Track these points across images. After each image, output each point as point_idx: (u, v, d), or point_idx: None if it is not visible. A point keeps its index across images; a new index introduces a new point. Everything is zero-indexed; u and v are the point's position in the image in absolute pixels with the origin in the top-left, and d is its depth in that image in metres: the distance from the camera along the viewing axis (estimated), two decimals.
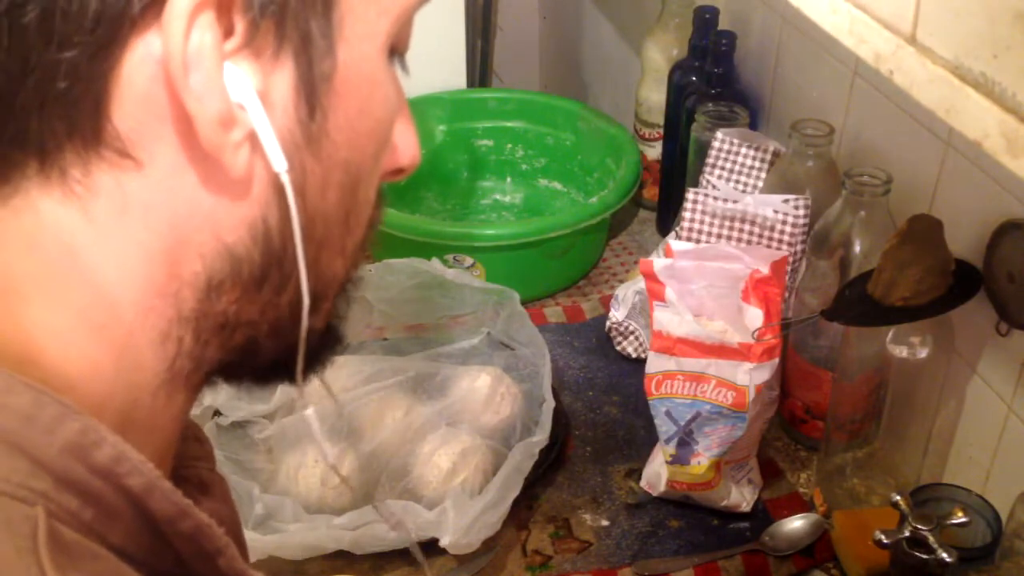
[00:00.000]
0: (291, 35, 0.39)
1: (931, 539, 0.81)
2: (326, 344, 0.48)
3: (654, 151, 1.44)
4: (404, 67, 0.47)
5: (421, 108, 1.51)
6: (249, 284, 0.42)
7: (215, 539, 0.41)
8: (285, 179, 0.40)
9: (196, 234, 0.40)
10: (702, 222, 1.09)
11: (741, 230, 1.07)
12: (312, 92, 0.41)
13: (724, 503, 1.01)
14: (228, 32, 0.38)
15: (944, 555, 0.81)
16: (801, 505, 1.03)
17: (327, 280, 0.46)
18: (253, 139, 0.39)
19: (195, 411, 1.04)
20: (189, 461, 0.50)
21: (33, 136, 0.37)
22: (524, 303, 1.18)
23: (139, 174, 0.38)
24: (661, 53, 1.40)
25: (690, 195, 1.10)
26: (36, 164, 0.38)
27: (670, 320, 0.97)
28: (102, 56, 0.36)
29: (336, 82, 0.41)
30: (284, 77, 0.40)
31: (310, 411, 0.53)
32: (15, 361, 0.38)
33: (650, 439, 1.04)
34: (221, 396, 1.05)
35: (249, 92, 0.39)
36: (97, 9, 0.36)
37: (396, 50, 0.46)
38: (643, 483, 1.05)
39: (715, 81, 1.24)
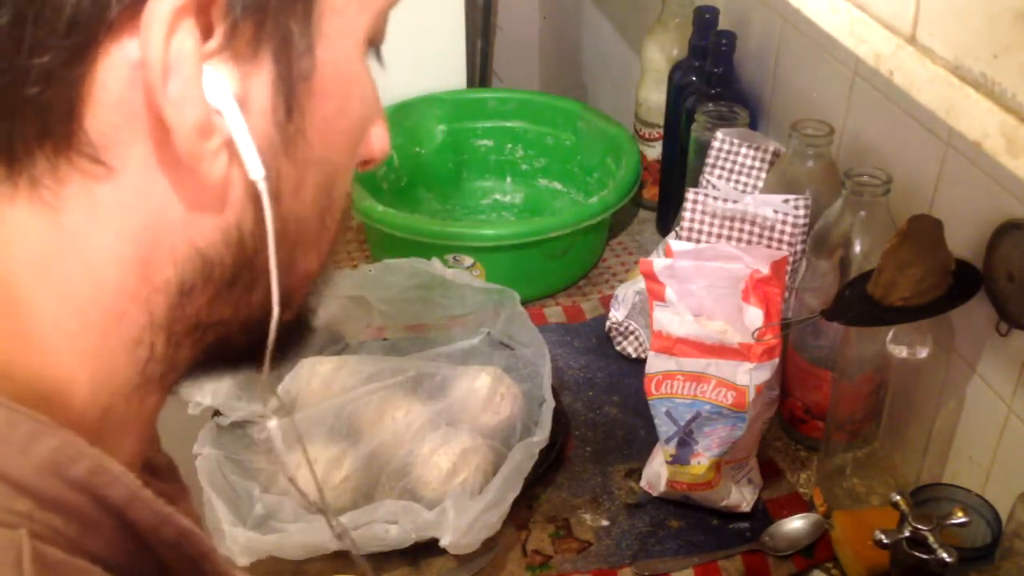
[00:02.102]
0: (270, 36, 0.38)
1: (931, 539, 0.81)
2: (297, 335, 0.47)
3: (654, 151, 1.44)
4: (380, 60, 0.46)
5: (421, 108, 1.51)
6: (220, 286, 0.41)
7: (199, 544, 0.40)
8: (262, 187, 0.39)
9: (168, 240, 0.39)
10: (702, 222, 1.09)
11: (741, 230, 1.07)
12: (290, 93, 0.39)
13: (724, 503, 1.01)
14: (206, 35, 0.37)
15: (944, 555, 0.81)
16: (801, 505, 1.03)
17: (299, 277, 0.45)
18: (230, 145, 0.38)
19: (195, 411, 1.04)
20: None
21: (1, 141, 0.36)
22: (524, 303, 1.18)
23: (111, 180, 0.37)
24: (661, 53, 1.40)
25: (690, 195, 1.10)
26: (3, 170, 0.37)
27: (670, 320, 0.97)
28: (76, 62, 0.35)
29: (315, 82, 0.40)
30: (262, 79, 0.39)
31: (273, 423, 0.52)
32: None
33: (650, 439, 1.04)
34: (221, 396, 1.05)
35: (227, 98, 0.37)
36: (71, 14, 0.34)
37: (373, 42, 0.44)
38: (643, 483, 1.05)
39: (715, 81, 1.24)
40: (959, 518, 0.83)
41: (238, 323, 0.43)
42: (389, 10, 0.44)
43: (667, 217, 1.37)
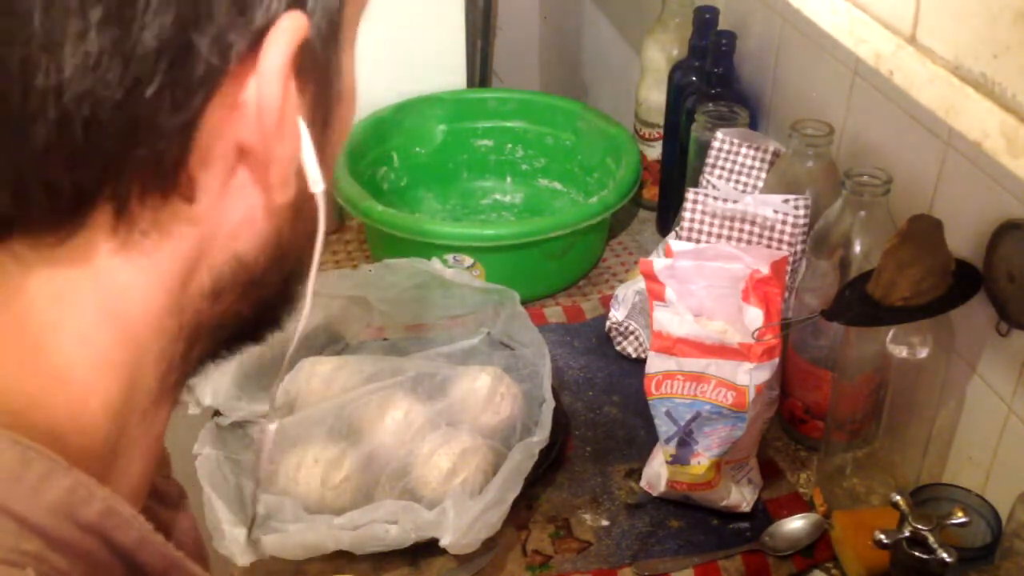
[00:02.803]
0: (316, 63, 0.40)
1: (931, 539, 0.81)
2: (285, 302, 0.48)
3: (654, 151, 1.44)
4: None
5: (421, 108, 1.51)
6: (249, 286, 0.42)
7: None
8: (321, 199, 0.41)
9: (213, 251, 0.40)
10: (702, 222, 1.09)
11: (741, 230, 1.07)
12: (328, 109, 0.42)
13: (724, 503, 1.01)
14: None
15: (944, 555, 0.81)
16: (801, 505, 1.03)
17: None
18: (299, 165, 0.40)
19: (195, 411, 1.04)
20: None
21: (121, 195, 0.37)
22: (524, 303, 1.18)
23: (189, 215, 0.39)
24: (661, 53, 1.40)
25: (690, 195, 1.10)
26: (110, 222, 0.37)
27: (670, 320, 0.97)
28: (197, 112, 0.36)
29: (343, 93, 0.43)
30: (308, 98, 0.40)
31: (273, 427, 0.53)
32: (15, 411, 0.37)
33: (650, 439, 1.04)
34: (221, 396, 1.05)
35: (302, 124, 0.39)
36: (202, 71, 0.35)
37: None
38: (643, 483, 1.05)
39: (715, 81, 1.24)
40: (959, 518, 0.83)
41: (253, 314, 0.44)
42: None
43: (667, 217, 1.37)
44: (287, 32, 0.37)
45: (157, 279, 0.39)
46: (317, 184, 0.41)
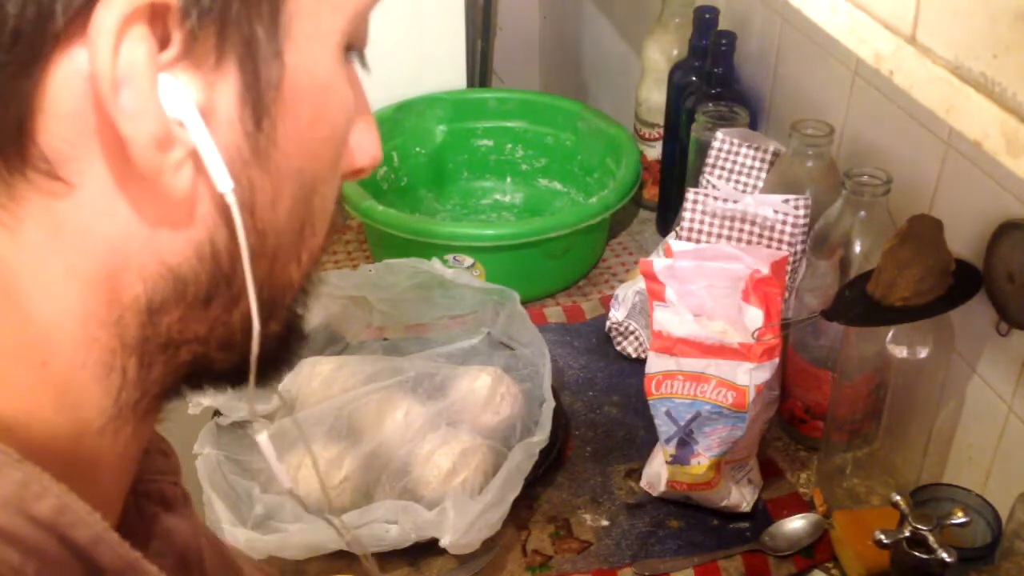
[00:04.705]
0: (234, 42, 0.36)
1: (931, 539, 0.81)
2: (288, 345, 0.46)
3: (654, 151, 1.44)
4: (364, 64, 0.44)
5: (421, 108, 1.51)
6: (194, 303, 0.40)
7: None
8: (231, 199, 0.38)
9: (136, 257, 0.38)
10: (702, 222, 1.09)
11: (741, 230, 1.07)
12: (259, 102, 0.38)
13: (724, 503, 1.01)
14: (164, 43, 0.35)
15: (944, 555, 0.81)
16: (801, 505, 1.03)
17: (282, 289, 0.43)
18: (195, 157, 0.37)
19: (195, 411, 1.04)
20: (152, 475, 0.48)
21: None
22: (524, 303, 1.18)
23: (70, 197, 0.36)
24: (661, 53, 1.40)
25: (690, 195, 1.10)
26: None
27: (670, 320, 0.97)
28: (23, 74, 0.34)
29: (285, 89, 0.38)
30: (228, 87, 0.37)
31: (263, 437, 0.51)
32: None
33: (650, 439, 1.04)
34: (221, 396, 1.05)
35: (189, 107, 0.36)
36: (15, 26, 0.33)
37: (353, 47, 0.42)
38: (643, 483, 1.05)
39: (715, 81, 1.24)
40: (959, 518, 0.83)
41: (215, 340, 0.42)
42: (368, 12, 0.42)
43: (667, 217, 1.37)
44: None
45: (65, 275, 0.37)
46: (223, 183, 0.37)
